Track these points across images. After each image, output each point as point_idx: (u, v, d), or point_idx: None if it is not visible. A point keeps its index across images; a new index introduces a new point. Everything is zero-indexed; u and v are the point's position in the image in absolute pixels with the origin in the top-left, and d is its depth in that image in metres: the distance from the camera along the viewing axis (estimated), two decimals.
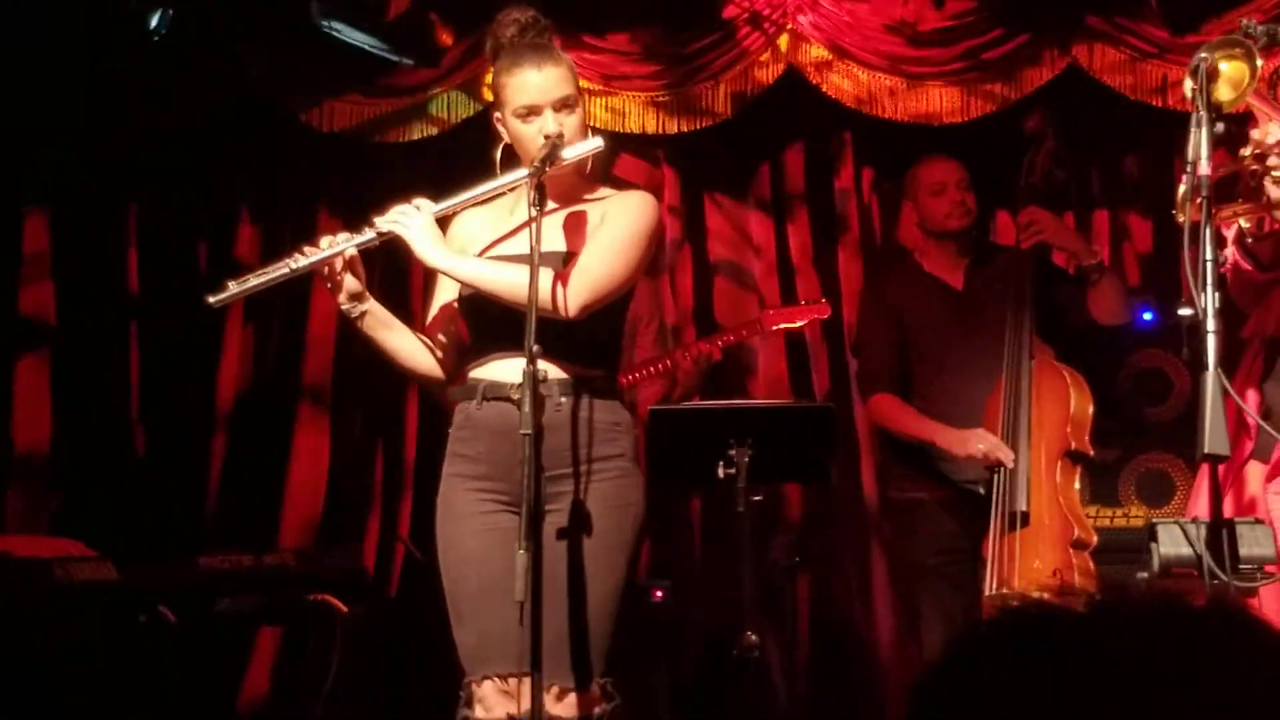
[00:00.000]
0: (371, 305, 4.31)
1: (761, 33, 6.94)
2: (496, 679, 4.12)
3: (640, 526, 4.29)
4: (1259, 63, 3.76)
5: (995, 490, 5.51)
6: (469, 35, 6.67)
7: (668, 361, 6.38)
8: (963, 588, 5.62)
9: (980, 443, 5.56)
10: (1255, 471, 4.09)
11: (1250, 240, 3.95)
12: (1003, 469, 5.48)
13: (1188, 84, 3.77)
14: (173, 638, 5.88)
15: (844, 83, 6.99)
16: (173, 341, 7.33)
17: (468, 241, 4.41)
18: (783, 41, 6.99)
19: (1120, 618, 1.19)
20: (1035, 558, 5.35)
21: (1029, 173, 5.97)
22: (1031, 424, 5.55)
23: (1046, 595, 1.24)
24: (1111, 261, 6.86)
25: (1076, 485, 5.59)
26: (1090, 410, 5.60)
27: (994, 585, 5.36)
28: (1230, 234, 4.05)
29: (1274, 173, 3.82)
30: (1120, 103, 6.74)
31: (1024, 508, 5.43)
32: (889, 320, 6.04)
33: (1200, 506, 4.10)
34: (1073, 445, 5.55)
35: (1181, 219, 3.83)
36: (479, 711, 4.15)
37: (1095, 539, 5.46)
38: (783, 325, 6.44)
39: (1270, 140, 3.85)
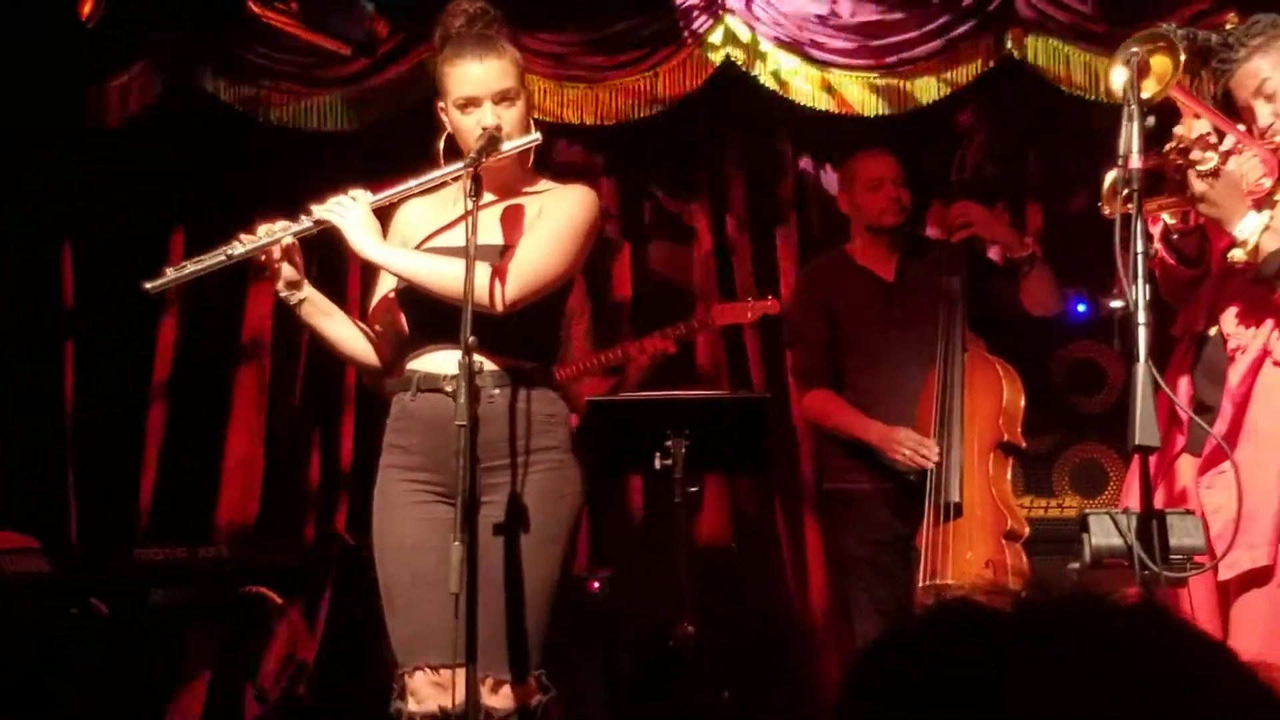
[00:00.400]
0: (309, 293, 4.31)
1: (700, 24, 6.95)
2: (428, 670, 4.11)
3: (576, 518, 4.30)
4: (1183, 57, 3.80)
5: (928, 482, 5.54)
6: (410, 26, 6.66)
7: (619, 352, 6.38)
8: (896, 578, 5.65)
9: (903, 446, 5.61)
10: (1187, 465, 4.12)
11: (1176, 236, 3.98)
12: (938, 460, 5.52)
13: (1114, 77, 3.81)
14: (105, 630, 5.85)
15: (780, 75, 6.99)
16: (108, 331, 7.27)
17: (409, 232, 4.41)
18: (721, 33, 7.00)
19: (1045, 617, 1.20)
20: (968, 549, 5.39)
21: (960, 168, 6.01)
22: (964, 416, 5.59)
23: (974, 594, 1.24)
24: (1047, 253, 6.90)
25: (1009, 476, 5.63)
26: (1021, 402, 5.65)
27: (927, 576, 5.40)
28: (1156, 231, 4.08)
29: (1197, 167, 3.86)
30: (1058, 94, 6.78)
31: (957, 499, 5.47)
32: (821, 313, 6.07)
33: (1132, 498, 4.13)
34: (1005, 437, 5.60)
35: (1107, 211, 3.88)
36: (411, 703, 4.15)
37: (1027, 530, 5.51)
38: (730, 322, 6.44)
39: (1193, 135, 3.89)
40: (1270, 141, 4.05)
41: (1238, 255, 3.89)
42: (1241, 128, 4.03)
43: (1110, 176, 3.87)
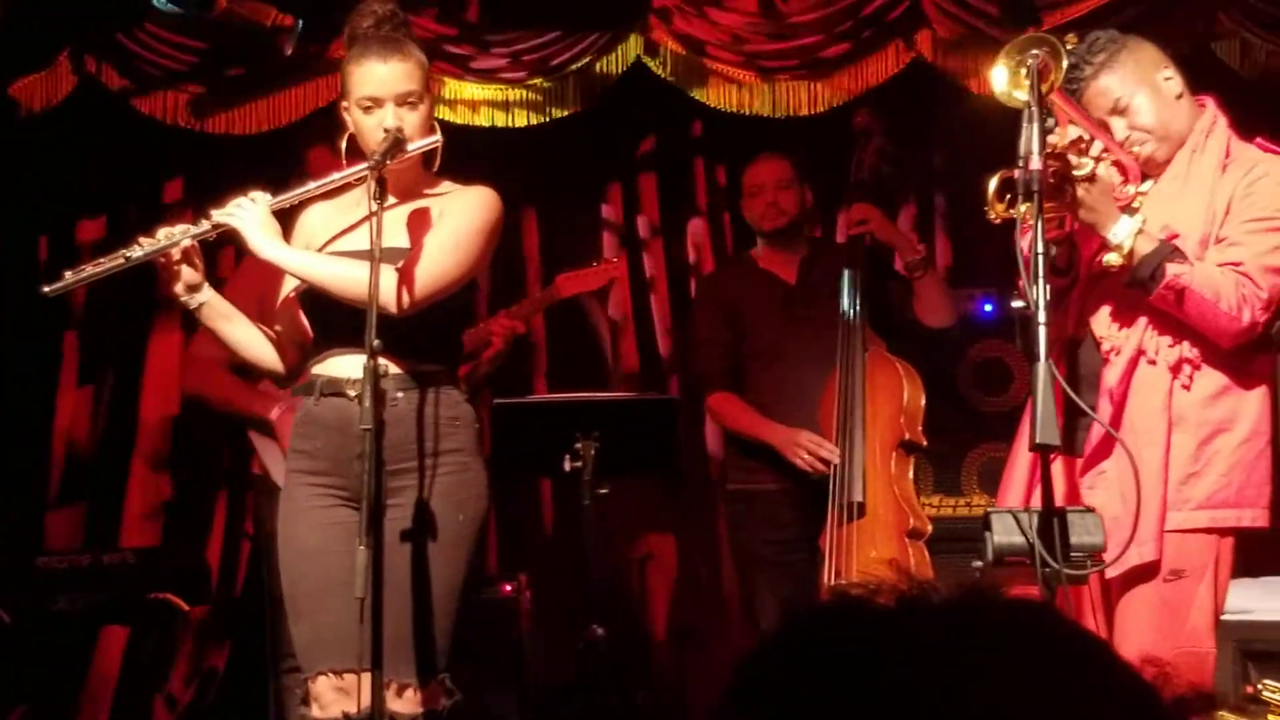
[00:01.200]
0: (210, 297, 4.28)
1: (616, 25, 6.95)
2: (332, 675, 4.10)
3: (483, 521, 4.30)
4: (1065, 62, 3.87)
5: (831, 482, 5.57)
6: (320, 29, 6.63)
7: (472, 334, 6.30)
8: (800, 577, 5.67)
9: (803, 449, 5.64)
10: (1060, 466, 4.15)
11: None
12: (838, 460, 5.55)
13: (994, 79, 3.86)
14: (7, 638, 5.78)
15: (694, 77, 7.00)
16: (11, 340, 7.19)
17: (311, 234, 4.39)
18: (636, 40, 6.99)
19: (925, 613, 1.21)
20: (871, 548, 5.41)
21: (858, 169, 6.05)
22: (866, 416, 5.62)
23: (855, 590, 1.25)
24: (957, 254, 6.96)
25: (911, 475, 5.66)
26: (922, 401, 5.68)
27: (832, 575, 5.43)
28: (1025, 241, 4.14)
29: (1075, 173, 3.92)
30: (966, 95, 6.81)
31: (860, 499, 5.50)
32: (723, 316, 6.11)
33: (1008, 498, 4.18)
34: (906, 436, 5.62)
35: (992, 215, 3.94)
36: (315, 709, 4.14)
37: (930, 528, 5.54)
38: (580, 290, 6.37)
39: (1067, 141, 3.95)
40: (1129, 151, 4.16)
41: (1113, 259, 3.96)
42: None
43: (994, 181, 3.93)
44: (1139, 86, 4.18)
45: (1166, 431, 4.05)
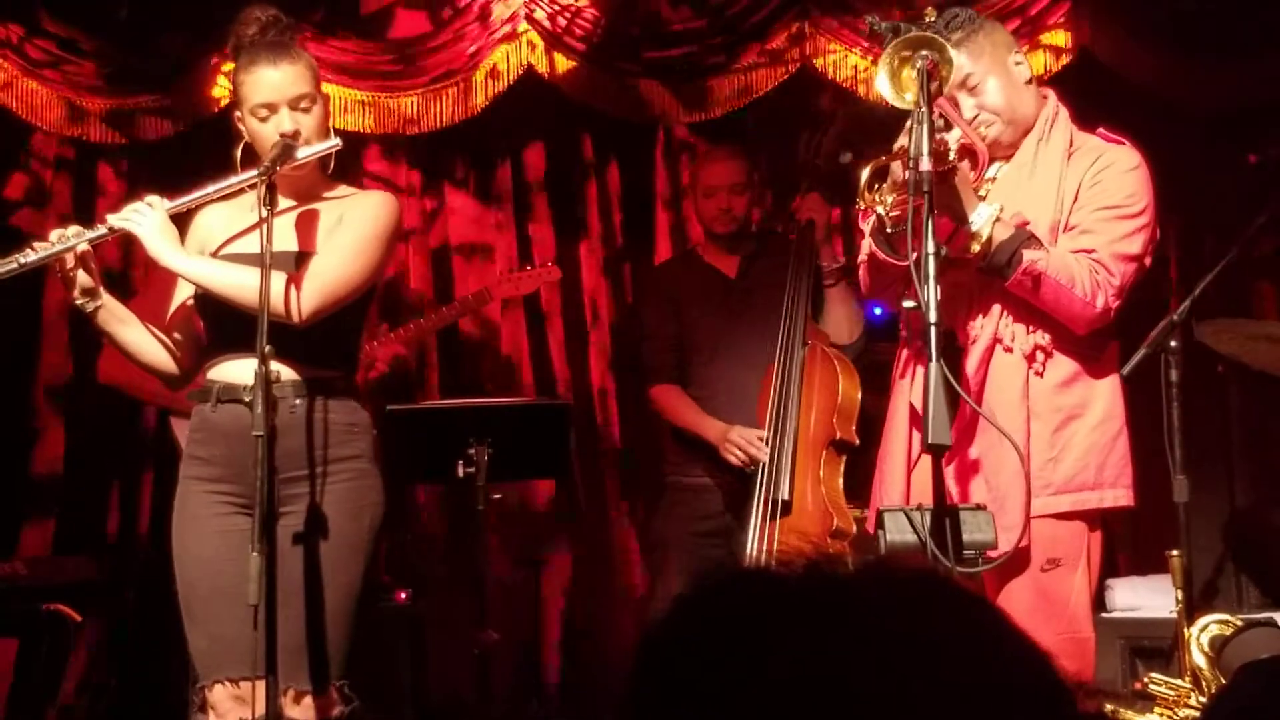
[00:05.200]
0: (106, 300, 4.24)
1: (499, 28, 6.95)
2: (229, 683, 4.09)
3: (378, 527, 4.28)
4: (954, 61, 3.91)
5: (759, 478, 5.59)
6: (203, 35, 6.58)
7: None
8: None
9: (733, 446, 5.67)
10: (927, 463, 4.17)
11: (890, 230, 4.06)
12: (769, 456, 5.56)
13: (879, 81, 3.89)
14: None
15: (582, 78, 7.03)
16: None
17: (206, 238, 4.37)
18: (524, 46, 7.00)
19: (832, 582, 1.22)
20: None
21: (812, 151, 6.04)
22: (799, 412, 5.62)
23: (768, 562, 1.26)
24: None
25: (840, 475, 5.63)
26: (858, 399, 5.65)
27: None
28: (867, 226, 4.20)
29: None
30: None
31: (786, 496, 5.50)
32: (667, 310, 6.14)
33: (883, 500, 4.22)
34: (838, 435, 5.60)
35: (862, 204, 3.99)
36: (212, 717, 4.12)
37: (855, 529, 5.54)
38: (513, 294, 6.36)
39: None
40: (977, 131, 4.23)
41: (973, 247, 4.01)
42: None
43: (866, 171, 3.98)
44: (991, 67, 4.24)
45: (1025, 419, 4.13)
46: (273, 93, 4.20)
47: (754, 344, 5.87)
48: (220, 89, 6.71)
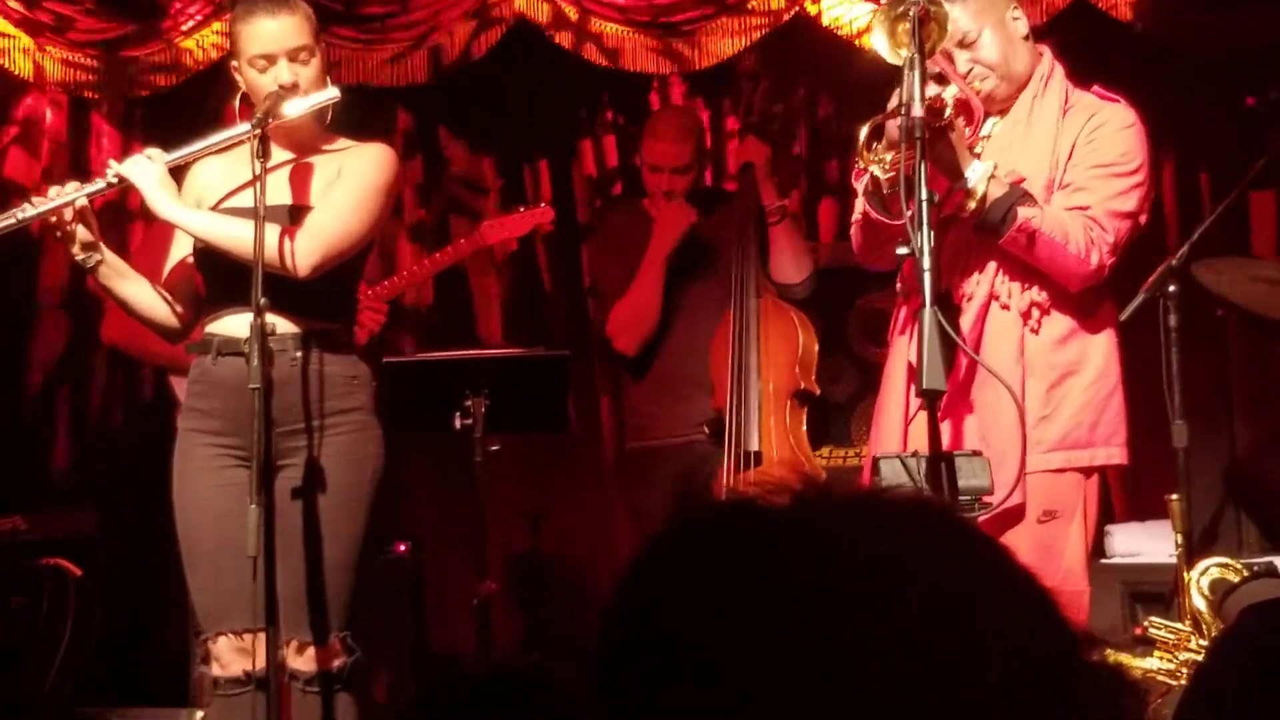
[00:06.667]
0: (105, 255, 4.24)
1: None
2: (231, 635, 4.11)
3: (379, 480, 4.29)
4: (951, 14, 3.89)
5: (727, 431, 5.58)
6: None
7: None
8: None
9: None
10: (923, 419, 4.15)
11: (887, 191, 4.04)
12: (734, 409, 5.56)
13: (876, 44, 3.86)
14: None
15: (579, 33, 6.97)
16: None
17: (203, 192, 4.36)
18: None
19: (822, 510, 1.21)
20: None
21: (748, 111, 6.05)
22: (761, 364, 5.63)
23: (751, 490, 1.24)
24: (841, 208, 6.97)
25: (804, 425, 5.68)
26: (816, 350, 5.70)
27: None
28: (860, 185, 4.18)
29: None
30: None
31: (755, 448, 5.52)
32: (621, 264, 6.07)
33: (885, 443, 4.21)
34: (801, 385, 5.65)
35: (862, 163, 3.97)
36: (216, 668, 4.16)
37: (824, 477, 5.54)
38: (506, 236, 6.32)
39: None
40: (970, 86, 4.20)
41: (969, 205, 4.00)
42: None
43: (865, 129, 3.96)
44: (987, 21, 4.21)
45: (1021, 377, 4.12)
46: (271, 43, 4.19)
47: (704, 300, 5.86)
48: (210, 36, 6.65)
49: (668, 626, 1.17)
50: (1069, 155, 4.17)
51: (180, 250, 4.38)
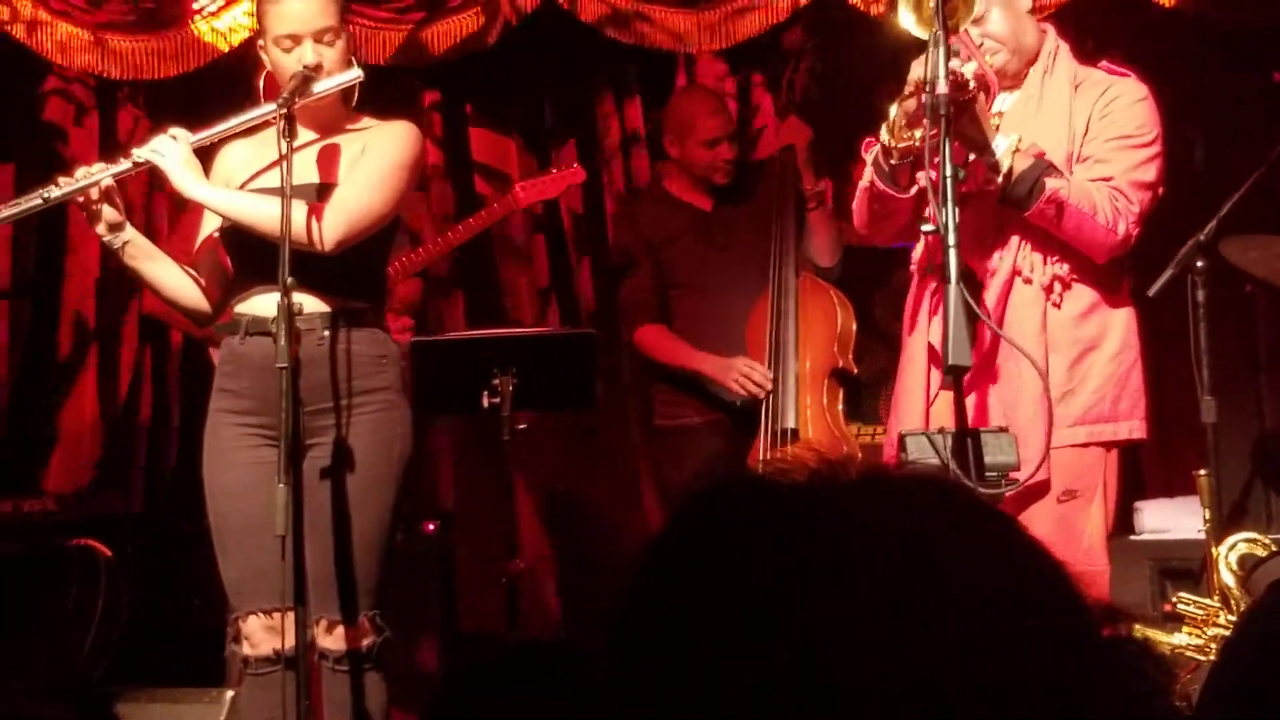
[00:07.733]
0: (132, 236, 4.27)
1: None
2: (261, 614, 4.13)
3: (408, 458, 4.30)
4: None
5: (763, 409, 5.59)
6: None
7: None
8: None
9: (737, 374, 5.65)
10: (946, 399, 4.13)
11: (895, 163, 4.04)
12: (772, 387, 5.56)
13: (901, 15, 3.84)
14: None
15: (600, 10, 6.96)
16: None
17: (231, 172, 4.38)
18: None
19: (838, 486, 1.21)
20: None
21: (789, 90, 6.02)
22: (799, 341, 5.62)
23: (768, 469, 1.25)
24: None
25: (840, 403, 5.67)
26: (854, 328, 5.70)
27: None
28: (869, 157, 4.17)
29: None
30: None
31: (793, 425, 5.52)
32: (645, 249, 6.07)
33: (907, 420, 4.21)
34: (839, 364, 5.65)
35: (890, 142, 3.95)
36: (246, 647, 4.17)
37: (860, 456, 5.55)
38: (538, 198, 6.29)
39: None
40: (985, 61, 4.16)
41: (995, 179, 3.99)
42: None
43: (894, 108, 3.95)
44: None
45: (1044, 353, 4.12)
46: (297, 24, 4.20)
47: (737, 276, 5.86)
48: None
49: (683, 598, 1.18)
50: (1085, 130, 4.18)
51: (208, 226, 4.40)
